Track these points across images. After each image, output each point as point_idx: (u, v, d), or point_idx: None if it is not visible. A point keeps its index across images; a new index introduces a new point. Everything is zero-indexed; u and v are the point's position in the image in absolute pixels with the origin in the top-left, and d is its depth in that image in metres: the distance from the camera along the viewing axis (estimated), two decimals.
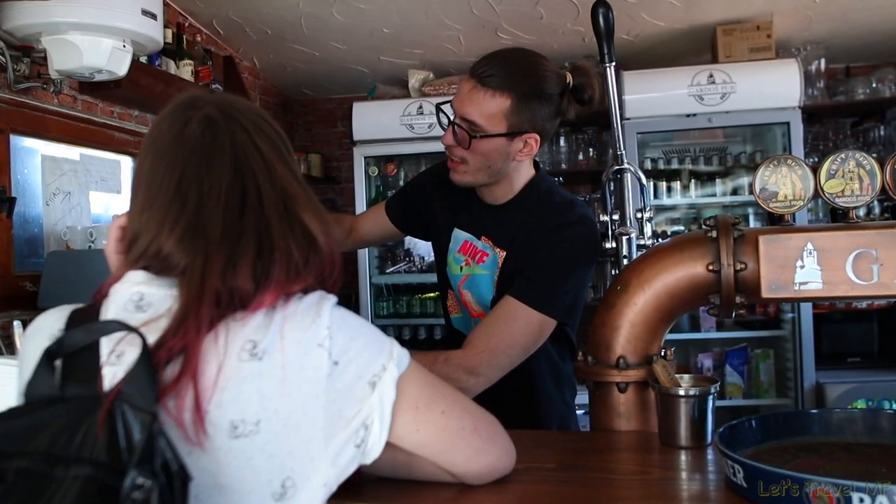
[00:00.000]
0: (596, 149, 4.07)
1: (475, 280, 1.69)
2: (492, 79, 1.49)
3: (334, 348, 0.86)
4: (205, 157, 0.90)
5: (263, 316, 0.85)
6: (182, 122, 0.92)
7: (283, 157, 0.95)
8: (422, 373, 0.97)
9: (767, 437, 1.18)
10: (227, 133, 0.92)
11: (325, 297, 0.90)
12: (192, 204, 0.88)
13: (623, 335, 1.39)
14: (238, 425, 0.81)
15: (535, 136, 1.54)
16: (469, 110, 1.50)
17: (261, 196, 0.90)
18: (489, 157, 1.54)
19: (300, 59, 4.20)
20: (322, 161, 4.69)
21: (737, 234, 1.34)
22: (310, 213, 0.93)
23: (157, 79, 3.04)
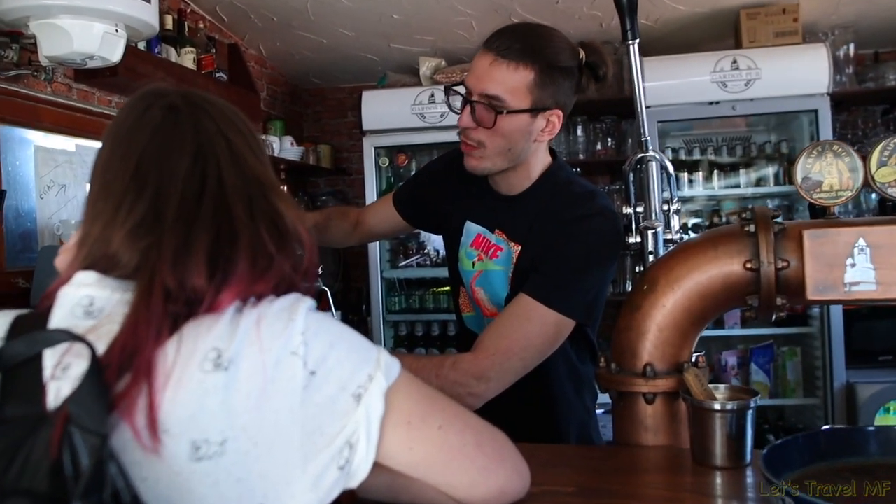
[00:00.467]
0: (614, 138, 3.92)
1: (488, 276, 1.56)
2: (512, 50, 1.37)
3: (310, 356, 0.75)
4: (164, 142, 0.82)
5: (230, 321, 0.75)
6: (143, 109, 0.85)
7: (253, 150, 0.87)
8: (415, 383, 0.85)
9: (817, 458, 1.04)
10: (190, 119, 0.84)
11: (301, 300, 0.79)
12: (149, 192, 0.80)
13: (650, 340, 1.25)
14: (200, 446, 0.71)
15: (557, 112, 1.44)
16: (490, 85, 1.38)
17: (223, 183, 0.82)
18: (511, 137, 1.42)
19: (308, 46, 4.07)
20: (332, 152, 4.57)
21: (777, 229, 1.20)
22: (283, 201, 0.85)
23: (157, 67, 2.93)
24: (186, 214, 0.79)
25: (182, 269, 0.76)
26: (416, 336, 4.06)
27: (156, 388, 0.70)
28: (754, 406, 1.13)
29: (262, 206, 0.83)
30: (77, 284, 0.79)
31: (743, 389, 1.19)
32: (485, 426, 0.90)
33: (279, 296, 0.80)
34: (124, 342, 0.72)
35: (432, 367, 1.36)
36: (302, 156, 4.19)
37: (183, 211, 0.79)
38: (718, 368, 3.60)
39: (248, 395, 0.72)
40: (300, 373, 0.74)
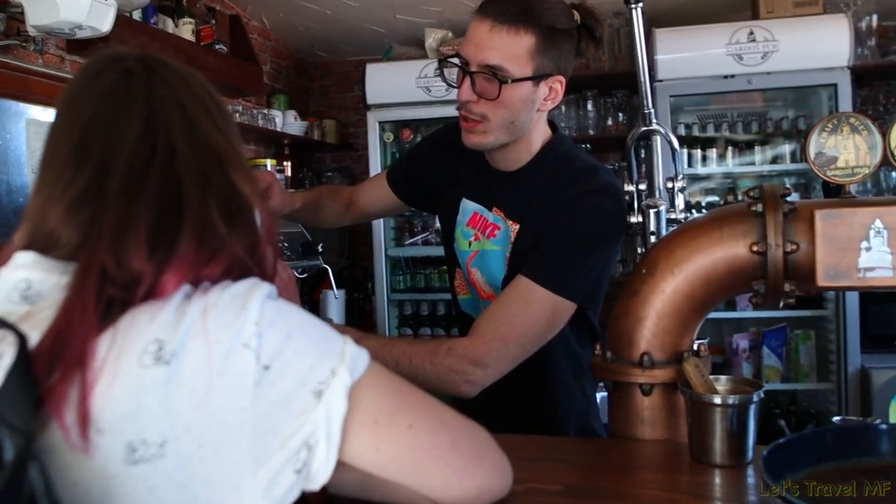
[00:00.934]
0: (626, 113, 3.81)
1: (485, 257, 1.49)
2: (510, 14, 1.28)
3: (264, 349, 0.67)
4: (113, 109, 0.75)
5: (175, 309, 0.68)
6: (96, 73, 0.78)
7: (212, 118, 0.79)
8: (384, 377, 0.78)
9: (824, 457, 0.95)
10: (143, 85, 0.77)
11: (257, 286, 0.71)
12: (91, 163, 0.73)
13: (648, 328, 1.17)
14: (137, 447, 0.64)
15: (560, 78, 1.36)
16: (491, 54, 1.29)
17: (173, 154, 0.74)
18: (514, 108, 1.34)
19: (312, 17, 3.97)
20: (338, 127, 4.49)
21: (787, 209, 1.10)
22: (240, 174, 0.77)
23: (152, 37, 2.85)
24: (130, 188, 0.72)
25: (120, 247, 0.69)
26: (422, 315, 3.99)
27: (88, 382, 0.64)
28: (757, 400, 1.05)
29: (216, 181, 0.76)
30: (14, 266, 0.73)
31: (746, 381, 1.11)
32: (462, 423, 0.83)
33: (236, 280, 0.73)
34: (58, 330, 0.66)
35: (426, 352, 1.30)
36: (306, 130, 4.11)
37: (127, 184, 0.72)
38: (729, 351, 3.52)
39: (193, 392, 0.65)
40: (252, 367, 0.67)
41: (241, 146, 0.84)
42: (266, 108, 3.98)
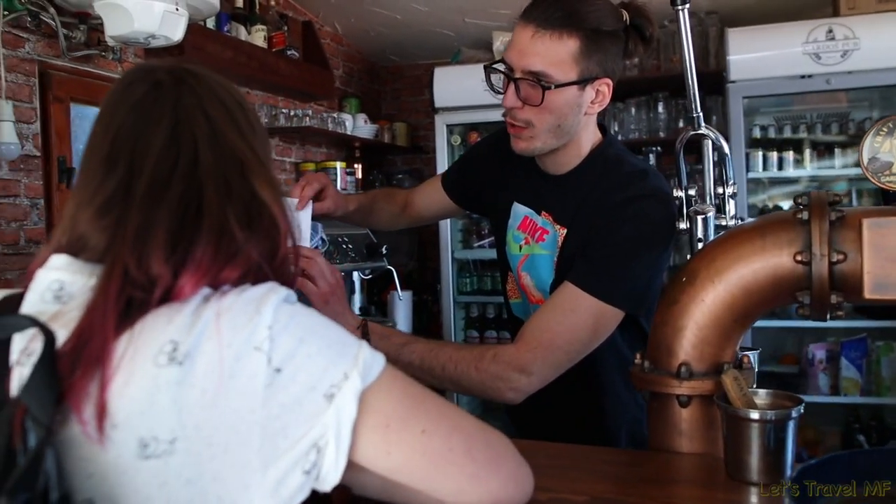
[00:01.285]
0: None
1: (534, 261, 1.48)
2: (553, 19, 1.28)
3: (276, 352, 0.69)
4: (141, 119, 0.79)
5: (192, 311, 0.70)
6: (129, 84, 0.82)
7: (237, 126, 0.82)
8: (399, 382, 0.78)
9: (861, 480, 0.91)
10: (171, 95, 0.80)
11: (273, 290, 0.73)
12: (120, 170, 0.77)
13: (687, 338, 1.14)
14: (148, 443, 0.66)
15: (607, 81, 1.35)
16: (534, 60, 1.29)
17: (196, 162, 0.77)
18: (560, 113, 1.33)
19: (383, 22, 4.03)
20: (408, 129, 4.53)
21: (835, 217, 1.06)
22: (262, 182, 0.80)
23: (225, 45, 2.95)
24: (154, 193, 0.75)
25: (142, 250, 0.72)
26: (488, 318, 3.98)
27: (106, 380, 0.67)
28: (796, 416, 1.01)
29: (236, 187, 0.78)
30: (49, 268, 0.77)
31: (787, 396, 1.07)
32: (479, 430, 0.82)
33: (255, 284, 0.75)
34: (81, 330, 0.69)
35: (472, 358, 1.31)
36: (376, 133, 4.17)
37: (151, 189, 0.75)
38: (805, 362, 3.37)
39: (204, 392, 0.67)
40: (263, 370, 0.68)
41: (268, 153, 0.87)
42: (338, 111, 4.05)
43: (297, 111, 3.52)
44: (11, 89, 2.32)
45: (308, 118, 3.52)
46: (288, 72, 3.36)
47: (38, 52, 2.42)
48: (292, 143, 3.79)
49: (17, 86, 2.36)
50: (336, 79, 4.16)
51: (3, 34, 2.27)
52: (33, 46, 2.41)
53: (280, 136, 3.65)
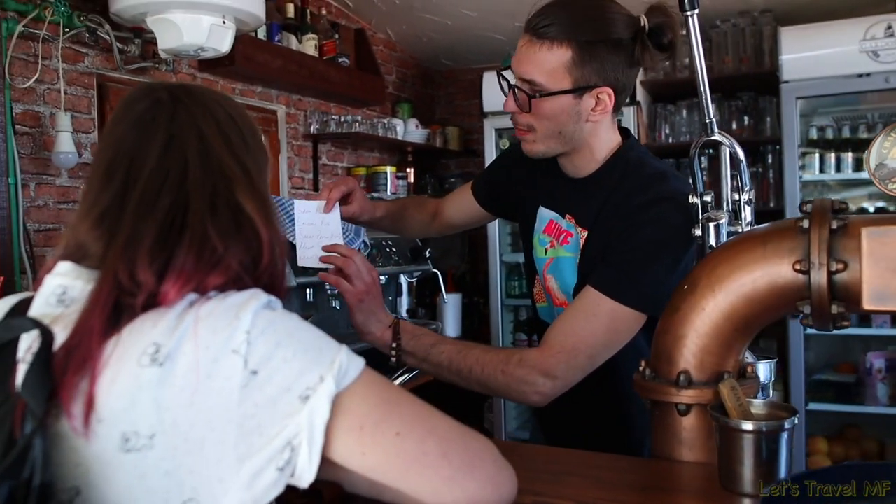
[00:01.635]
0: (752, 117, 3.62)
1: (559, 264, 1.50)
2: (548, 29, 1.31)
3: (253, 355, 0.73)
4: (139, 135, 0.85)
5: (177, 316, 0.75)
6: (132, 102, 0.88)
7: (228, 142, 0.87)
8: (376, 386, 0.81)
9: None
10: (167, 113, 0.86)
11: (254, 297, 0.77)
12: (115, 184, 0.82)
13: (688, 346, 1.13)
14: (130, 438, 0.71)
15: (607, 89, 1.36)
16: (526, 69, 1.34)
17: (185, 176, 0.82)
18: (557, 119, 1.36)
19: (434, 28, 4.08)
20: (460, 133, 4.56)
21: (837, 225, 1.03)
22: (247, 196, 0.84)
23: (275, 54, 3.04)
24: (144, 205, 0.81)
25: (131, 259, 0.78)
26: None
27: (94, 378, 0.72)
28: (790, 427, 0.99)
29: (221, 201, 0.83)
30: (55, 273, 0.83)
31: (785, 407, 1.05)
32: (457, 434, 0.85)
33: (240, 290, 0.80)
34: (75, 332, 0.75)
35: (499, 362, 1.34)
36: (427, 138, 4.22)
37: (142, 202, 0.81)
38: (863, 371, 3.25)
39: (182, 391, 0.71)
40: (239, 372, 0.72)
41: (262, 167, 0.91)
42: (390, 116, 4.12)
43: (347, 117, 3.60)
44: (71, 101, 2.45)
45: (358, 124, 3.59)
46: (338, 79, 3.44)
47: (95, 66, 2.55)
48: (344, 149, 3.88)
49: (77, 98, 2.49)
50: (389, 84, 4.23)
51: (64, 50, 2.40)
52: (91, 60, 2.54)
53: (332, 141, 3.73)
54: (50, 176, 2.40)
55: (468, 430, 0.86)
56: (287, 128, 3.46)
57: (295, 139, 3.52)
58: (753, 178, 3.55)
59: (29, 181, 2.32)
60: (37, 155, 2.35)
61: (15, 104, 2.27)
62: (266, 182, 0.92)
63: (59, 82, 2.38)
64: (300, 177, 3.56)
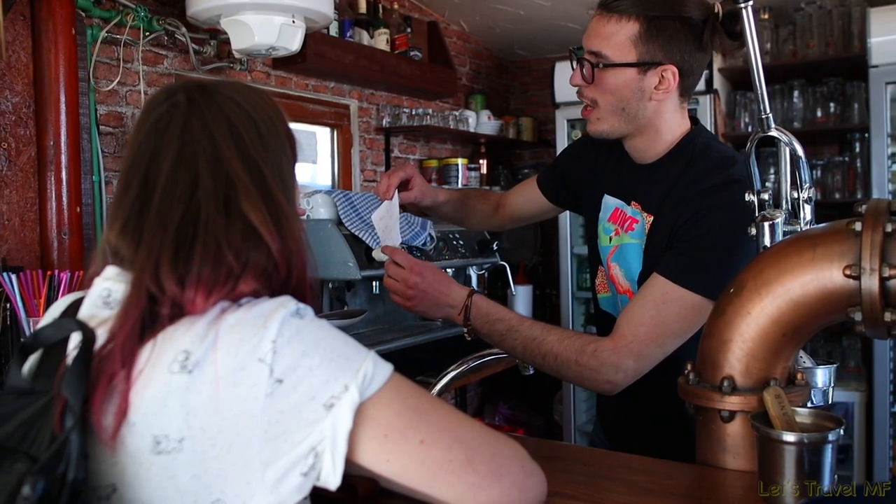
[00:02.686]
0: (839, 103, 3.45)
1: (624, 251, 1.51)
2: (618, 2, 1.35)
3: (278, 364, 0.75)
4: (155, 143, 0.86)
5: (207, 324, 0.78)
6: (152, 107, 0.90)
7: (239, 141, 0.87)
8: (402, 394, 0.82)
9: None
10: (182, 119, 0.87)
11: (283, 305, 0.79)
12: (132, 194, 0.85)
13: (733, 351, 1.10)
14: (161, 441, 0.75)
15: (672, 68, 1.37)
16: (594, 41, 1.38)
17: (196, 184, 0.84)
18: (620, 93, 1.39)
19: (507, 19, 4.05)
20: (534, 124, 4.53)
21: (891, 228, 0.99)
22: (250, 204, 0.84)
23: (346, 50, 3.09)
24: (163, 214, 0.83)
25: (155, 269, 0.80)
26: None
27: (129, 383, 0.76)
28: (835, 440, 0.95)
29: (233, 209, 0.84)
30: (103, 277, 0.87)
31: (830, 418, 1.01)
32: (484, 440, 0.85)
33: (273, 296, 0.82)
34: (111, 337, 0.79)
35: (573, 352, 1.36)
36: (500, 129, 4.21)
37: (161, 210, 0.83)
38: None
39: (209, 399, 0.74)
40: (265, 380, 0.75)
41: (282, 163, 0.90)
42: (463, 108, 4.13)
43: (418, 110, 3.63)
44: None
45: (429, 117, 3.62)
46: (409, 72, 3.47)
47: (174, 67, 2.66)
48: (416, 141, 3.91)
49: None
50: (463, 76, 4.24)
51: (144, 52, 2.51)
52: (170, 62, 2.65)
53: (403, 134, 3.77)
54: None
55: (496, 434, 0.87)
56: (360, 121, 3.52)
57: (367, 133, 3.58)
58: (839, 168, 3.39)
59: (112, 179, 2.44)
60: (119, 154, 2.47)
61: (99, 105, 2.39)
62: (283, 174, 0.91)
63: (140, 83, 2.50)
64: (373, 169, 3.62)
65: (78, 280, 1.76)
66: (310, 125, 3.31)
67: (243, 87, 0.93)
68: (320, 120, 3.33)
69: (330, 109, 3.37)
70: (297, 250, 0.87)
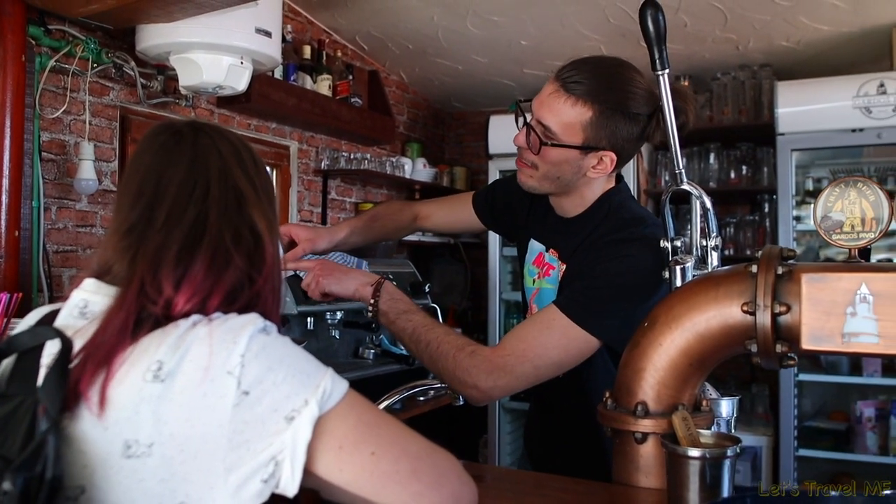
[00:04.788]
0: (751, 166, 3.72)
1: (542, 295, 1.61)
2: (576, 86, 1.41)
3: (245, 377, 0.81)
4: (165, 158, 0.94)
5: (179, 335, 0.83)
6: (155, 135, 0.98)
7: (243, 164, 0.97)
8: (357, 409, 0.89)
9: None
10: (190, 137, 0.96)
11: (252, 322, 0.86)
12: (144, 201, 0.91)
13: (646, 379, 1.22)
14: (131, 445, 0.80)
15: (611, 154, 1.46)
16: (546, 115, 1.43)
17: (208, 192, 0.92)
18: (559, 167, 1.47)
19: (445, 72, 4.23)
20: (468, 174, 4.69)
21: (783, 270, 1.13)
22: (259, 212, 0.94)
23: (289, 93, 3.18)
24: (172, 218, 0.90)
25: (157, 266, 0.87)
26: None
27: (110, 375, 0.81)
28: (732, 455, 1.07)
29: (235, 215, 0.92)
30: (80, 289, 0.93)
31: (728, 437, 1.13)
32: (427, 453, 0.93)
33: (241, 311, 0.88)
34: (95, 336, 0.84)
35: (454, 347, 1.40)
36: (434, 177, 4.34)
37: (170, 216, 0.90)
38: (853, 419, 3.30)
39: (180, 407, 0.80)
40: (232, 392, 0.80)
41: (269, 189, 1.00)
42: (399, 155, 4.25)
43: (356, 154, 3.73)
44: (95, 131, 2.60)
45: (367, 161, 3.73)
46: (350, 118, 3.58)
47: (120, 100, 2.70)
48: (353, 185, 4.00)
49: (100, 129, 2.63)
50: (400, 124, 4.37)
51: (91, 83, 2.55)
52: (116, 94, 2.69)
53: (341, 177, 3.86)
54: (71, 201, 2.53)
55: (436, 448, 0.95)
56: (299, 163, 3.60)
57: (306, 174, 3.65)
58: (750, 226, 3.64)
59: (51, 205, 2.45)
60: (60, 181, 2.48)
61: (43, 132, 2.41)
62: (273, 206, 1.01)
63: (85, 114, 2.53)
64: (309, 210, 3.68)
65: (16, 302, 1.77)
66: None
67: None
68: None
69: (270, 149, 3.44)
70: (278, 261, 0.96)
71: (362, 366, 2.85)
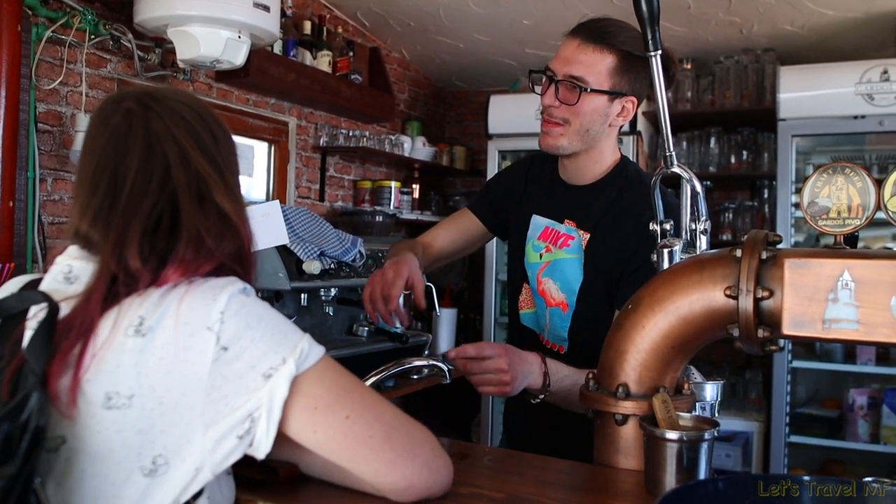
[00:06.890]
0: (752, 151, 3.70)
1: (558, 265, 1.63)
2: (597, 35, 1.52)
3: (224, 333, 0.84)
4: (118, 147, 0.94)
5: (161, 294, 0.86)
6: (105, 117, 0.97)
7: (200, 143, 0.96)
8: (332, 373, 0.92)
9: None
10: (141, 122, 0.95)
11: (232, 283, 0.88)
12: (101, 192, 0.93)
13: (628, 361, 1.22)
14: (112, 396, 0.83)
15: (632, 99, 1.57)
16: (575, 67, 1.52)
17: (168, 179, 0.92)
18: (591, 117, 1.55)
19: (447, 51, 4.20)
20: (467, 153, 4.67)
21: (767, 255, 1.13)
22: (222, 196, 0.95)
23: (288, 68, 3.17)
24: (131, 206, 0.91)
25: (120, 253, 0.88)
26: None
27: (88, 345, 0.83)
28: (710, 438, 1.08)
29: (206, 201, 0.93)
30: (66, 255, 0.95)
31: (706, 421, 1.14)
32: (402, 423, 0.95)
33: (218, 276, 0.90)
34: (76, 308, 0.86)
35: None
36: (434, 156, 4.33)
37: (129, 203, 0.91)
38: (846, 407, 3.31)
39: (160, 360, 0.83)
40: (212, 347, 0.83)
41: (232, 160, 1.00)
42: (399, 133, 4.24)
43: (356, 132, 3.72)
44: (91, 103, 2.59)
45: (365, 139, 3.71)
46: (349, 95, 3.56)
47: (117, 72, 2.69)
48: (352, 162, 4.00)
49: (97, 100, 2.62)
50: (401, 102, 4.36)
51: (88, 55, 2.54)
52: (113, 66, 2.68)
53: (340, 154, 3.85)
54: (67, 172, 2.53)
55: (411, 420, 0.97)
56: (297, 139, 3.59)
57: (304, 150, 3.65)
58: (749, 212, 3.63)
59: (47, 176, 2.45)
60: (56, 152, 2.48)
61: (39, 103, 2.40)
62: (237, 172, 1.01)
63: (82, 85, 2.52)
64: (307, 186, 3.68)
65: (8, 272, 1.78)
66: (248, 139, 3.37)
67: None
68: (259, 134, 3.38)
69: (269, 125, 3.43)
70: (252, 239, 0.97)
71: (356, 343, 2.86)
